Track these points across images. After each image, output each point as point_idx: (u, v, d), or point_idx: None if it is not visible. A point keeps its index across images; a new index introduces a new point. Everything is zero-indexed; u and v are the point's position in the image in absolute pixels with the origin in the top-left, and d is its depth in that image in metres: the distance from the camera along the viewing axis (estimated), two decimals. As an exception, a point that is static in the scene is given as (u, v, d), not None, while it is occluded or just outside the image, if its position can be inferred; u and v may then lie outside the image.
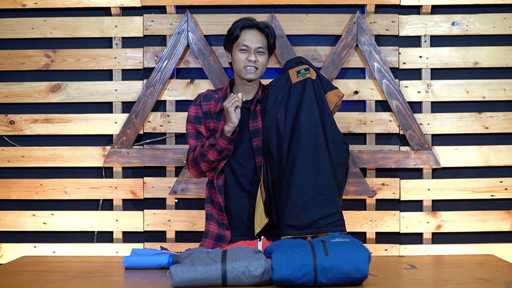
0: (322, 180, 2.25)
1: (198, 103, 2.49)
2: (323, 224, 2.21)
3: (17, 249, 3.04)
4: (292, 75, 2.35)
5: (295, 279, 1.84)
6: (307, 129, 2.28)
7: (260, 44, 2.42)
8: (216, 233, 2.45)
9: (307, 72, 2.35)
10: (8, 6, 3.05)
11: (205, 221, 2.50)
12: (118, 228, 3.04)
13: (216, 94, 2.51)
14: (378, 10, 3.05)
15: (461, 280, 2.02)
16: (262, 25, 2.45)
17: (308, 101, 2.30)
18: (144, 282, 1.98)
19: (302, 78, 2.33)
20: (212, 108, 2.47)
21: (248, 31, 2.42)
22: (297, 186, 2.23)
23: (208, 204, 2.49)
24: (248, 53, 2.41)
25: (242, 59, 2.41)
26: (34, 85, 3.06)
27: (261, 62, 2.42)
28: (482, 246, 3.01)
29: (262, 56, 2.43)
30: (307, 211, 2.21)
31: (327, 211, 2.23)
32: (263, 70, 2.46)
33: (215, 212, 2.46)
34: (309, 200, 2.22)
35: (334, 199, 2.26)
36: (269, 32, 2.45)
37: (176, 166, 3.03)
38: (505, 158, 3.03)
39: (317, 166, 2.25)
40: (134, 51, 3.05)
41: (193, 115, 2.48)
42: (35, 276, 2.09)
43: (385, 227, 3.01)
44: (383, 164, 3.01)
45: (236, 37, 2.42)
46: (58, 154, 3.06)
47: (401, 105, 2.99)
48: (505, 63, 3.03)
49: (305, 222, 2.20)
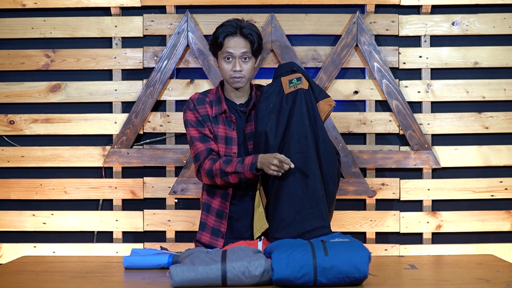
0: (310, 193, 2.23)
1: (193, 107, 2.42)
2: (307, 238, 2.16)
3: (17, 249, 3.04)
4: (285, 84, 2.33)
5: (295, 279, 1.85)
6: (296, 141, 2.26)
7: (244, 49, 2.36)
8: (207, 244, 2.41)
9: (299, 82, 2.33)
10: (8, 6, 3.05)
11: (198, 229, 2.46)
12: (118, 228, 3.04)
13: (207, 97, 2.45)
14: (378, 10, 3.05)
15: (461, 280, 2.02)
16: (245, 30, 2.37)
17: (298, 113, 2.29)
18: (144, 282, 1.99)
19: (294, 88, 2.32)
20: (208, 112, 2.42)
21: (231, 38, 2.36)
22: (284, 199, 2.23)
23: (204, 211, 2.44)
24: (233, 62, 2.36)
25: (227, 69, 2.37)
26: (34, 85, 3.06)
27: (247, 69, 2.37)
28: (482, 246, 3.01)
29: (248, 62, 2.38)
30: (293, 225, 2.21)
31: (313, 225, 2.21)
32: (251, 75, 2.43)
33: (211, 219, 2.42)
34: (295, 214, 2.21)
35: (321, 212, 2.23)
36: (252, 38, 2.38)
37: (176, 166, 3.03)
38: (505, 158, 3.03)
39: (305, 179, 2.24)
40: (134, 51, 3.04)
41: (193, 119, 2.42)
42: (35, 276, 2.09)
43: (385, 227, 3.01)
44: (383, 164, 3.01)
45: (220, 45, 2.37)
46: (58, 154, 3.06)
47: (401, 105, 2.99)
48: (505, 63, 3.03)
49: (290, 235, 2.18)
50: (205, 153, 2.37)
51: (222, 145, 2.41)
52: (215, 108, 2.42)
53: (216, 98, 2.44)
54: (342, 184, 2.96)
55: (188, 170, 2.98)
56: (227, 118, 2.42)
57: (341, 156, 2.96)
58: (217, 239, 2.41)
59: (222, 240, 2.40)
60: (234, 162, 2.30)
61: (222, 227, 2.40)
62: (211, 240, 2.41)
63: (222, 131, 2.41)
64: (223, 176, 2.31)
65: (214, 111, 2.42)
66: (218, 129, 2.42)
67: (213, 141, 2.40)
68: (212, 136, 2.41)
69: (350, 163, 2.98)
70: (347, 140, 3.00)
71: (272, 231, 2.24)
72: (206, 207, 2.44)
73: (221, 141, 2.41)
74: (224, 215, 2.40)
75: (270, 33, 2.98)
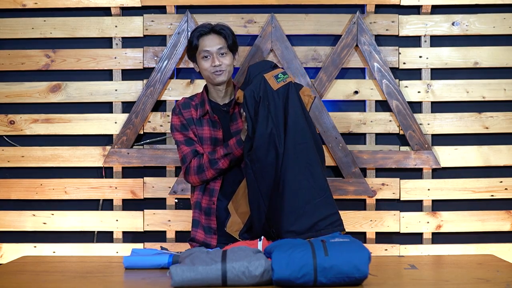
0: (316, 182, 2.24)
1: (178, 111, 2.51)
2: (322, 226, 2.20)
3: (17, 249, 3.04)
4: (271, 80, 2.33)
5: (295, 279, 1.85)
6: (297, 132, 2.27)
7: (219, 45, 2.46)
8: (202, 241, 2.46)
9: (286, 76, 2.35)
10: (8, 6, 3.05)
11: (191, 227, 2.51)
12: (118, 228, 3.04)
13: (193, 101, 2.54)
14: (378, 10, 3.05)
15: (461, 280, 2.03)
16: (217, 27, 2.49)
17: (293, 105, 2.29)
18: (144, 282, 1.99)
19: (284, 83, 2.32)
20: (193, 115, 2.50)
21: (205, 37, 2.46)
22: (291, 192, 2.22)
23: (196, 209, 2.49)
24: (212, 58, 2.44)
25: (207, 66, 2.45)
26: (34, 85, 3.06)
27: (226, 63, 2.45)
28: (482, 246, 3.01)
29: (226, 57, 2.46)
30: (305, 215, 2.21)
31: (325, 213, 2.23)
32: (231, 70, 2.50)
33: (203, 218, 2.47)
34: (305, 204, 2.22)
35: (330, 200, 2.26)
36: (225, 33, 2.48)
37: (176, 166, 3.03)
38: (505, 158, 3.03)
39: (310, 169, 2.25)
40: (134, 51, 3.05)
41: (178, 123, 2.50)
42: (35, 276, 2.09)
43: (385, 227, 3.01)
44: (383, 164, 3.01)
45: (196, 46, 2.47)
46: (58, 154, 3.06)
47: (401, 105, 2.99)
48: (505, 63, 3.03)
49: (304, 226, 2.19)
50: (190, 155, 2.45)
51: (208, 146, 2.48)
52: (199, 110, 2.50)
53: (201, 101, 2.52)
54: (342, 184, 2.97)
55: (188, 170, 2.98)
56: (211, 119, 2.49)
57: (341, 156, 2.98)
58: (211, 236, 2.46)
59: (216, 237, 2.43)
60: (219, 149, 2.40)
61: (212, 224, 2.46)
62: (206, 238, 2.45)
63: (207, 133, 2.48)
64: (213, 164, 2.38)
65: (198, 113, 2.49)
66: (203, 131, 2.48)
67: (198, 144, 2.46)
68: (197, 139, 2.47)
69: (350, 163, 2.98)
70: (347, 140, 3.00)
71: (284, 226, 2.21)
72: (197, 206, 2.49)
73: (207, 142, 2.49)
74: (212, 211, 2.45)
75: (270, 33, 2.98)
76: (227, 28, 2.50)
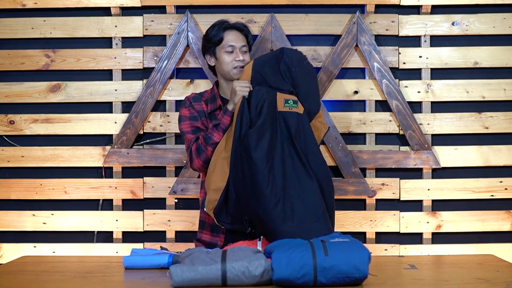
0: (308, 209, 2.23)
1: (189, 104, 2.53)
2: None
3: (17, 249, 3.04)
4: (279, 101, 2.34)
5: (295, 279, 1.85)
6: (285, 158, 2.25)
7: (243, 43, 2.53)
8: (208, 242, 2.45)
9: (295, 105, 2.35)
10: (8, 6, 3.05)
11: (198, 227, 2.52)
12: (118, 228, 3.04)
13: (203, 96, 2.57)
14: (378, 10, 3.05)
15: (461, 280, 2.03)
16: (239, 25, 2.55)
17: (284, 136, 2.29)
18: (144, 282, 1.99)
19: (289, 110, 2.33)
20: (204, 108, 2.52)
21: (230, 32, 2.52)
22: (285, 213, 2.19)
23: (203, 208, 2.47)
24: (235, 54, 2.49)
25: (229, 60, 2.49)
26: (34, 85, 3.06)
27: (246, 61, 2.51)
28: (482, 246, 3.01)
29: (246, 54, 2.54)
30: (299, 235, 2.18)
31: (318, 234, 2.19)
32: None
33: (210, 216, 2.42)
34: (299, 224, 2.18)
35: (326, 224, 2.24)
36: (247, 31, 2.56)
37: (176, 166, 3.03)
38: (505, 158, 3.03)
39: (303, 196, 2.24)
40: (134, 51, 3.04)
41: (187, 114, 2.51)
42: (35, 276, 2.10)
43: (385, 227, 3.01)
44: (383, 164, 3.01)
45: (221, 40, 2.50)
46: (58, 154, 3.06)
47: (401, 105, 2.99)
48: (505, 63, 3.03)
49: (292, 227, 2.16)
50: (193, 142, 2.45)
51: None
52: (210, 105, 2.52)
53: (211, 96, 2.54)
54: (342, 184, 2.97)
55: (188, 170, 2.97)
56: None
57: (341, 156, 2.97)
58: (218, 235, 2.44)
59: (223, 236, 2.42)
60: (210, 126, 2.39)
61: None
62: (212, 237, 2.44)
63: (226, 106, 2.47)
64: (208, 141, 2.37)
65: (209, 108, 2.51)
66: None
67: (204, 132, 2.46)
68: (205, 129, 2.47)
69: (350, 163, 2.98)
70: (347, 140, 3.00)
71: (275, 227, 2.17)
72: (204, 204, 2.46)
73: None
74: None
75: (270, 33, 2.98)
76: (247, 27, 2.58)
